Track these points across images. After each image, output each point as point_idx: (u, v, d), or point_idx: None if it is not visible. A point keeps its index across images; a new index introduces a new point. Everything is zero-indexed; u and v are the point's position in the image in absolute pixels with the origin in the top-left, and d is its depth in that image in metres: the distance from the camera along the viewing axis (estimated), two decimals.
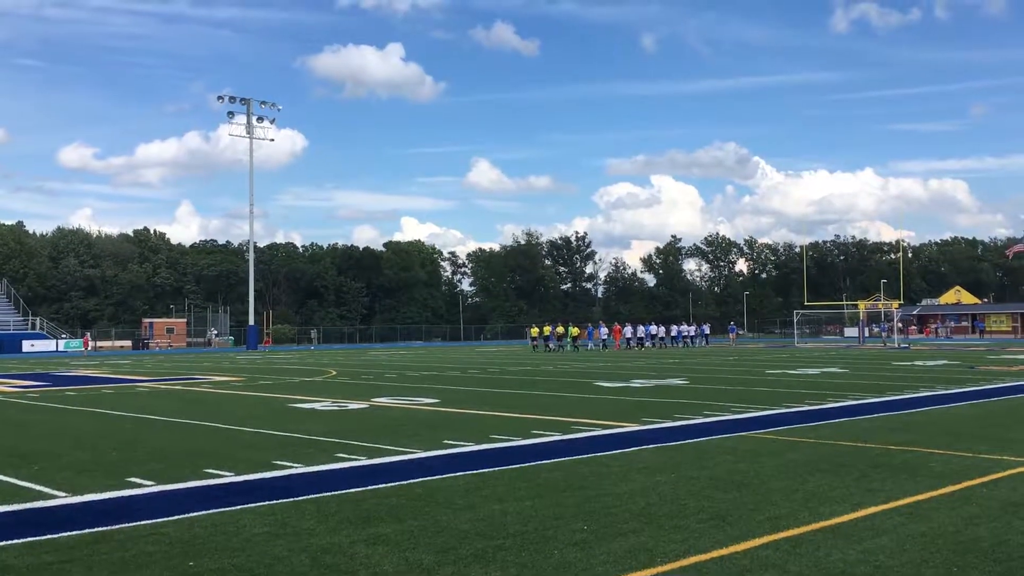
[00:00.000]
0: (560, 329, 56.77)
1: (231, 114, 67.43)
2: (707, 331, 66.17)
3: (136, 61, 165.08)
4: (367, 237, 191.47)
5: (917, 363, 32.84)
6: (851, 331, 79.73)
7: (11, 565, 6.18)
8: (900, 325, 68.95)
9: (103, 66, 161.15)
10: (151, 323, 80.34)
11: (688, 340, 62.00)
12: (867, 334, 68.35)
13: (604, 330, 57.39)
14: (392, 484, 9.10)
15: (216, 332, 77.63)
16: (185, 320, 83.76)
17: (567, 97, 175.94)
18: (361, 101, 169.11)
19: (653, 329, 60.39)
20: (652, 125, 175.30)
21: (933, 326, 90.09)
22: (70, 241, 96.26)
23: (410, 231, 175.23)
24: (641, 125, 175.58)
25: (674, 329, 62.46)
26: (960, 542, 6.59)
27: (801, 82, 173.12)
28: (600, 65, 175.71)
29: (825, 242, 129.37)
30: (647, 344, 57.87)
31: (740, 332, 77.06)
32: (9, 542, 6.82)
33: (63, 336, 71.34)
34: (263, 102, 68.55)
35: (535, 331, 57.03)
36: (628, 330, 58.72)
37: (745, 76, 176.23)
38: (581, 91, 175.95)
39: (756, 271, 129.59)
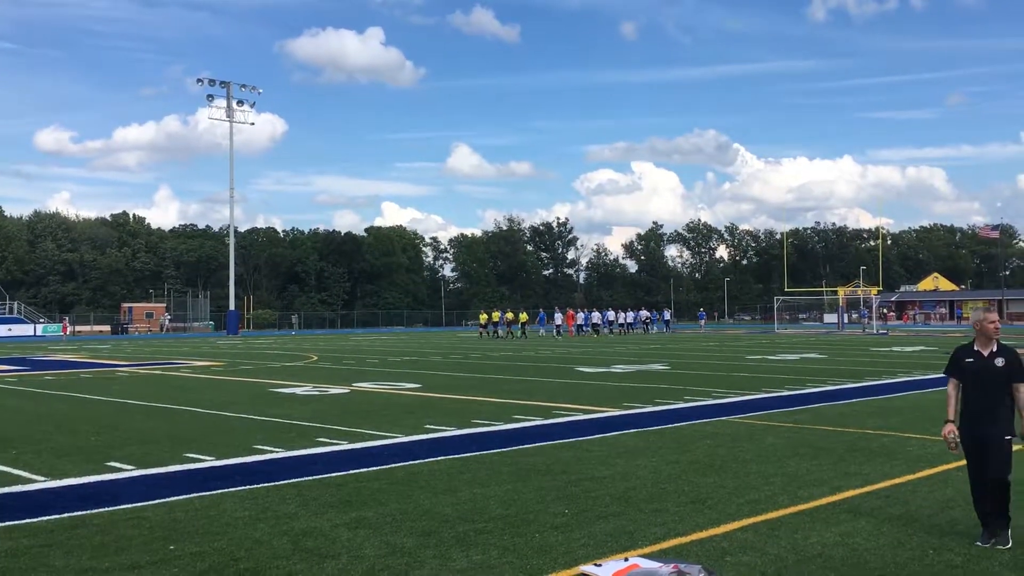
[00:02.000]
0: (509, 315, 55.35)
1: (210, 97, 66.83)
2: (668, 317, 64.92)
3: (113, 44, 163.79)
4: (348, 222, 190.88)
5: (895, 349, 33.11)
6: (831, 317, 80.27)
7: None
8: (884, 311, 69.47)
9: (80, 49, 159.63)
10: (130, 308, 79.80)
11: (645, 326, 61.39)
12: (846, 320, 68.78)
13: (558, 316, 55.27)
14: (374, 468, 9.10)
15: (169, 318, 76.84)
16: (164, 305, 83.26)
17: (548, 83, 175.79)
18: (340, 86, 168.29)
19: (611, 315, 59.51)
20: (632, 112, 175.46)
21: (911, 312, 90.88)
22: (47, 225, 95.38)
23: (391, 216, 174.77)
24: (621, 112, 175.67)
25: (630, 315, 61.50)
26: (936, 524, 6.67)
27: (780, 70, 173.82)
28: (580, 52, 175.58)
29: (805, 229, 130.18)
30: (604, 331, 56.33)
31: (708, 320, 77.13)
32: None
33: (41, 320, 70.73)
34: (243, 85, 67.97)
35: (483, 317, 54.72)
36: (581, 316, 56.98)
37: (724, 64, 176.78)
38: (562, 78, 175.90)
39: (737, 258, 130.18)
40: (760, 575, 5.47)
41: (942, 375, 6.97)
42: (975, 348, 6.39)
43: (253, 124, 71.00)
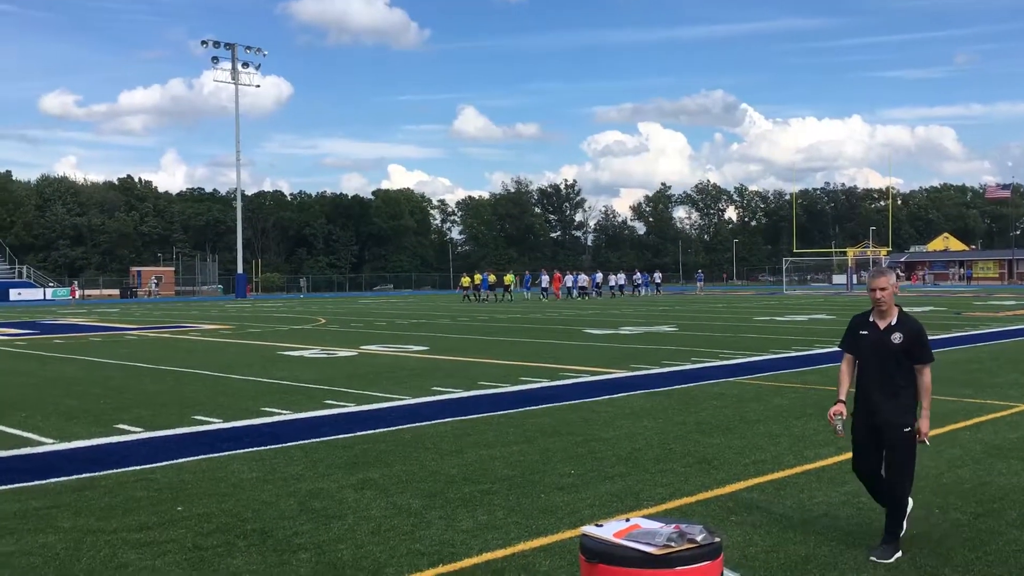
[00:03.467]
0: (492, 277, 54.39)
1: (215, 59, 66.43)
2: (659, 279, 63.50)
3: (114, 6, 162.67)
4: (355, 185, 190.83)
5: (904, 309, 32.96)
6: (840, 278, 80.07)
7: None
8: (898, 272, 69.10)
9: (79, 11, 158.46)
10: (139, 271, 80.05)
11: (635, 288, 60.70)
12: (855, 281, 68.59)
13: (545, 278, 53.89)
14: (380, 430, 9.13)
15: (156, 281, 76.81)
16: (173, 268, 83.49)
17: (554, 44, 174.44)
18: (346, 48, 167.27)
19: (599, 278, 58.71)
20: (639, 73, 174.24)
21: (920, 273, 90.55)
22: (56, 189, 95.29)
23: (398, 179, 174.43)
24: (628, 73, 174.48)
25: (620, 277, 60.72)
26: (943, 484, 6.66)
27: (788, 29, 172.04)
28: (586, 12, 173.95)
29: (815, 189, 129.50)
30: (591, 293, 55.38)
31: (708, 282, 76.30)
32: None
33: (50, 285, 71.04)
34: (248, 47, 67.59)
35: (466, 280, 53.21)
36: (570, 279, 55.93)
37: (731, 23, 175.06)
38: (567, 38, 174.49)
39: (746, 219, 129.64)
40: (765, 534, 5.47)
41: (949, 336, 6.86)
42: (870, 319, 5.37)
43: (259, 87, 70.77)
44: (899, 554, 5.03)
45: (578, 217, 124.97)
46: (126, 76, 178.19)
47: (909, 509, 5.22)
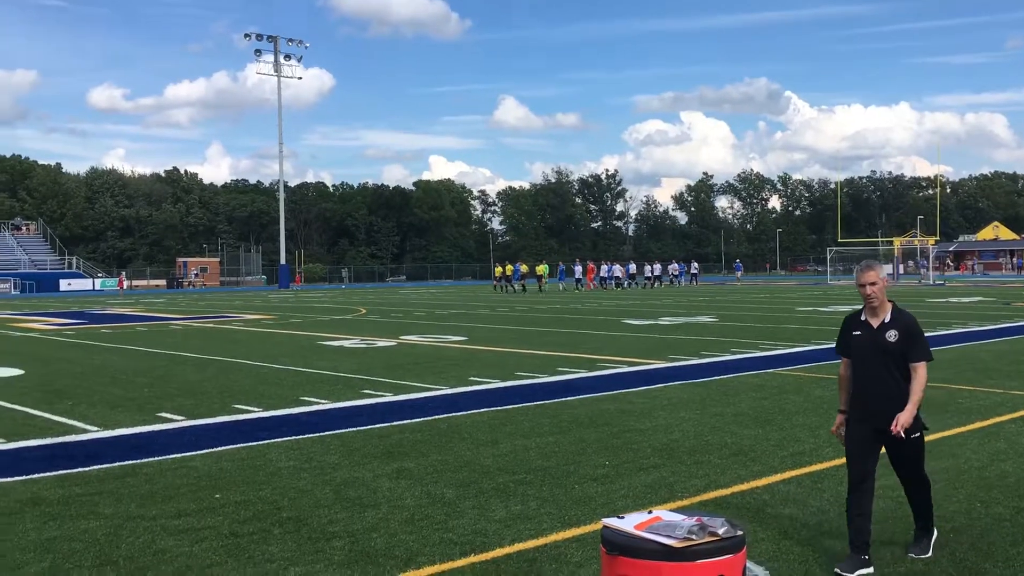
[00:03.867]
0: (524, 268, 53.36)
1: (258, 52, 67.06)
2: (695, 270, 62.32)
3: (159, 0, 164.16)
4: (396, 176, 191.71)
5: (951, 300, 32.44)
6: (886, 268, 78.78)
7: (43, 497, 6.33)
8: (948, 261, 67.97)
9: (126, 6, 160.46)
10: (185, 262, 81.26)
11: (675, 279, 59.86)
12: (902, 271, 67.50)
13: (578, 269, 52.81)
14: (417, 420, 9.17)
15: (196, 272, 77.82)
16: (218, 259, 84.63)
17: (593, 33, 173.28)
18: (386, 39, 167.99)
19: (633, 268, 57.69)
20: (680, 61, 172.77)
21: (969, 262, 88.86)
22: (104, 181, 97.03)
23: (439, 170, 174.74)
24: (669, 61, 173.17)
25: (656, 268, 59.08)
26: (985, 478, 6.53)
27: (832, 15, 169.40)
28: (626, 0, 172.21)
29: (861, 178, 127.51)
30: (625, 285, 54.34)
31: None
32: (41, 475, 6.98)
33: (99, 275, 72.37)
34: (290, 40, 68.09)
35: (499, 270, 51.95)
36: (604, 269, 54.86)
37: (775, 10, 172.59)
38: (607, 27, 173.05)
39: (790, 208, 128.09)
40: (801, 527, 5.42)
41: (997, 327, 6.68)
42: (862, 318, 5.00)
43: (300, 79, 71.23)
44: (935, 538, 4.97)
45: (619, 207, 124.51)
46: (172, 70, 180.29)
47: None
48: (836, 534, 5.27)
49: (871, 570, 4.67)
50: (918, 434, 4.86)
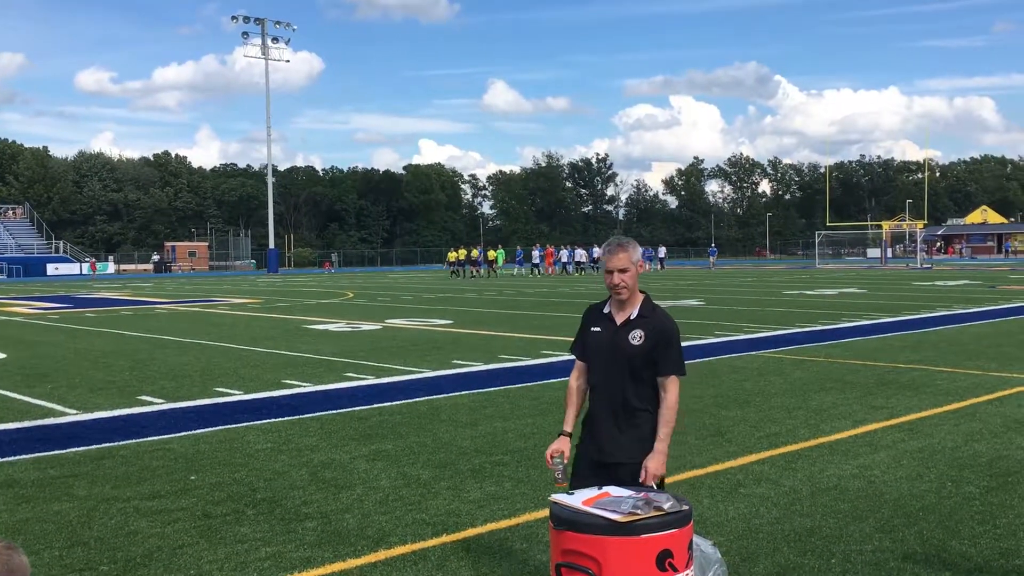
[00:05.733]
0: (475, 252, 51.78)
1: (246, 35, 66.53)
2: (662, 254, 61.15)
3: None
4: (386, 160, 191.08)
5: (938, 283, 32.55)
6: (874, 252, 79.11)
7: (17, 479, 6.32)
8: (924, 246, 68.25)
9: None
10: (173, 246, 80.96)
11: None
12: (890, 255, 67.72)
13: (536, 253, 51.23)
14: (397, 402, 9.18)
15: (157, 258, 77.21)
16: (207, 244, 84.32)
17: (583, 17, 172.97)
18: (375, 22, 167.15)
19: (596, 252, 54.37)
20: (670, 45, 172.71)
21: (958, 246, 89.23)
22: (92, 165, 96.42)
23: (429, 154, 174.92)
24: (659, 45, 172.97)
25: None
26: (958, 457, 6.58)
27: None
28: None
29: (850, 162, 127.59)
30: (587, 269, 51.94)
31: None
32: (17, 457, 6.97)
33: (87, 259, 72.04)
34: (277, 22, 67.54)
35: (452, 255, 50.51)
36: (564, 253, 52.83)
37: None
38: (597, 10, 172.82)
39: (780, 192, 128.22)
40: (772, 506, 5.45)
41: (982, 309, 6.67)
42: (605, 310, 3.83)
43: (288, 62, 70.86)
44: None
45: (609, 191, 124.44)
46: (160, 53, 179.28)
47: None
48: (806, 513, 5.31)
49: None
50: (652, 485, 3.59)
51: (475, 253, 50.64)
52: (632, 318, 3.72)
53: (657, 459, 3.58)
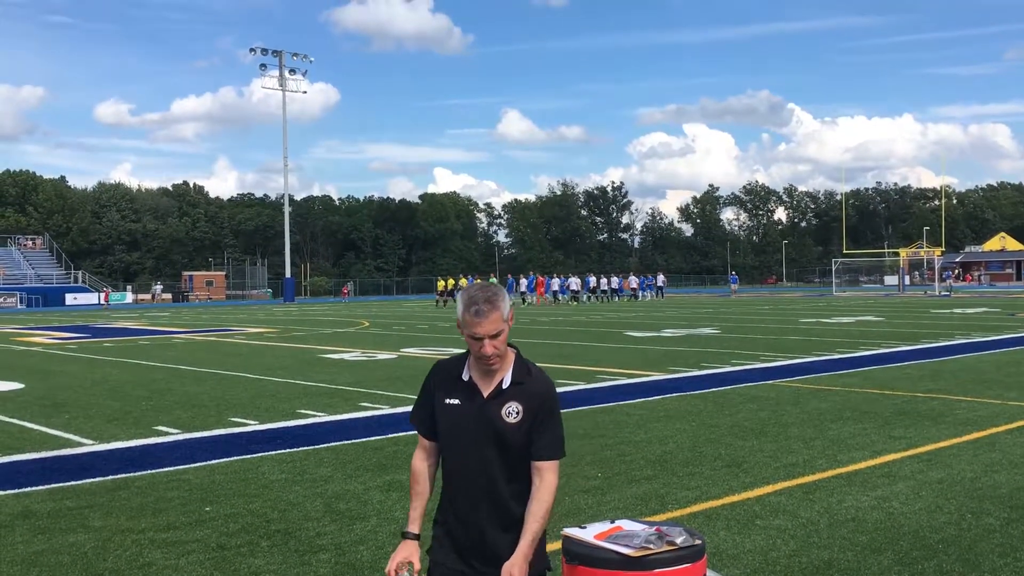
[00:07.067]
0: (463, 281, 50.00)
1: (263, 67, 67.32)
2: (661, 283, 58.31)
3: (165, 16, 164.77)
4: (402, 189, 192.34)
5: (956, 311, 32.33)
6: (892, 279, 78.68)
7: (33, 510, 6.33)
8: (949, 273, 67.86)
9: (132, 22, 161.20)
10: (191, 276, 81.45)
11: (634, 293, 54.99)
12: (907, 282, 67.32)
13: (524, 282, 49.60)
14: (412, 432, 9.12)
15: (161, 287, 77.60)
16: (224, 273, 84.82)
17: (596, 46, 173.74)
18: (390, 54, 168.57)
19: (592, 281, 54.05)
20: (683, 74, 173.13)
21: (976, 273, 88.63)
22: (111, 196, 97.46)
23: (444, 183, 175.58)
24: (672, 74, 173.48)
25: (615, 281, 55.64)
26: (977, 488, 6.50)
27: (834, 27, 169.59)
28: (628, 13, 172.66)
29: (867, 189, 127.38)
30: (584, 298, 50.75)
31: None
32: (33, 488, 7.00)
33: (105, 289, 72.54)
34: (295, 54, 68.33)
35: (441, 284, 49.94)
36: (557, 282, 51.08)
37: (777, 22, 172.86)
38: (609, 40, 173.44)
39: (796, 220, 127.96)
40: (789, 539, 5.39)
41: (1000, 337, 6.60)
42: (464, 376, 2.98)
43: (305, 93, 71.46)
44: None
45: (624, 219, 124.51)
46: (178, 85, 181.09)
47: None
48: (824, 545, 5.25)
49: None
50: None
51: (463, 282, 49.21)
52: (504, 387, 2.91)
53: (519, 565, 2.74)
